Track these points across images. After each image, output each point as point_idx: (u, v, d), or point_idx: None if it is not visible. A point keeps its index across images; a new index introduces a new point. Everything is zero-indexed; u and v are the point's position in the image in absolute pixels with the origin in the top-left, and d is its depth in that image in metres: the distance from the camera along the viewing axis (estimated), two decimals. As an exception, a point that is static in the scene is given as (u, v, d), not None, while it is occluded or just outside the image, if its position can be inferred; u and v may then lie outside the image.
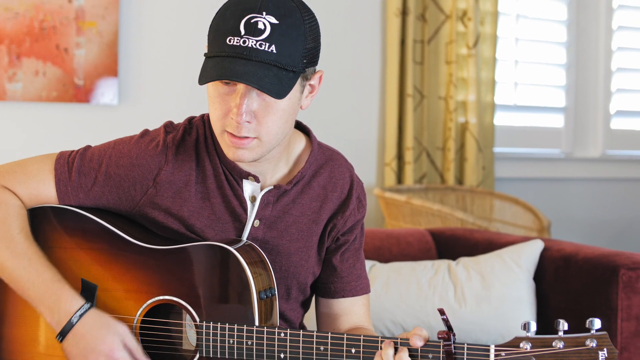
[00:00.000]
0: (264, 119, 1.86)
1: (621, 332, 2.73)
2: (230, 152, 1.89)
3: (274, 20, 1.81)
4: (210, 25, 1.87)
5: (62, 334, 1.91)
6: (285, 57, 1.81)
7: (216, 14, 1.87)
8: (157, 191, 1.98)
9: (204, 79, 1.82)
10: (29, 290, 1.94)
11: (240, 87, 1.83)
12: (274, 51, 1.80)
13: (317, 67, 1.94)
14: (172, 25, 4.00)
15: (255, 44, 1.80)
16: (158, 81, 3.97)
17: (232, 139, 1.87)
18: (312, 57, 1.87)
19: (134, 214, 2.02)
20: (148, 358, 1.93)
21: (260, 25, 1.80)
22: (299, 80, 1.87)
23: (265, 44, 1.80)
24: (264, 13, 1.80)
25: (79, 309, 1.91)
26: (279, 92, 1.81)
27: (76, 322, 1.90)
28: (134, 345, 1.92)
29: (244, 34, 1.80)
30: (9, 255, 1.94)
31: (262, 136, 1.87)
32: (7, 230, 1.96)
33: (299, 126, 2.09)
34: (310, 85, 1.93)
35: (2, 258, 1.95)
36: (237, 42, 1.80)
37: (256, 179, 1.99)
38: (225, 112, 1.86)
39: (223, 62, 1.80)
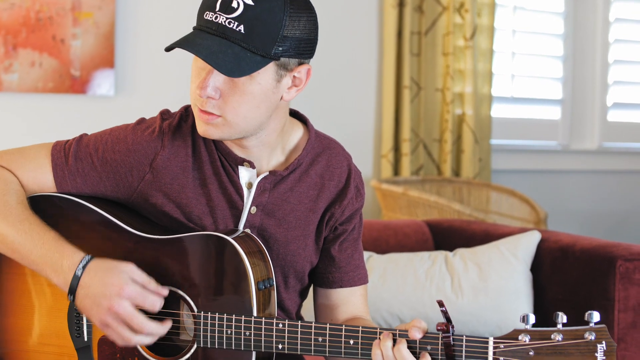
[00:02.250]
0: (229, 98, 1.87)
1: (618, 323, 2.73)
2: (199, 127, 1.92)
3: (249, 2, 1.82)
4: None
5: (72, 291, 1.87)
6: (253, 40, 1.82)
7: None
8: (154, 177, 1.98)
9: (168, 46, 1.87)
10: (31, 254, 1.91)
11: (205, 63, 1.86)
12: (242, 31, 1.82)
13: (313, 61, 1.94)
14: (169, 16, 3.99)
15: (224, 21, 1.83)
16: (154, 72, 3.97)
17: (199, 112, 1.90)
18: (294, 47, 1.87)
19: (132, 201, 2.01)
20: (164, 288, 1.89)
21: (234, 4, 1.82)
22: (274, 68, 1.87)
23: (235, 23, 1.82)
24: None
25: (81, 260, 1.88)
26: (232, 70, 1.82)
27: (81, 274, 1.86)
28: (145, 279, 1.88)
29: (218, 10, 1.83)
30: (9, 223, 1.92)
31: (226, 115, 1.88)
32: (6, 202, 1.95)
33: (297, 115, 2.09)
34: (293, 77, 1.92)
35: (2, 227, 1.93)
36: (210, 17, 1.84)
37: (252, 165, 1.99)
38: (197, 87, 1.89)
39: (190, 35, 1.86)
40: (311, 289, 2.18)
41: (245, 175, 2.01)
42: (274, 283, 1.95)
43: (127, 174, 1.99)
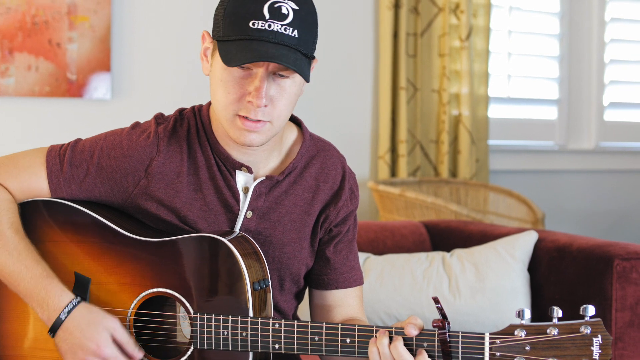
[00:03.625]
0: (278, 103, 1.87)
1: (615, 322, 2.73)
2: (241, 137, 1.89)
3: (294, 6, 1.83)
4: (225, 10, 1.86)
5: (53, 330, 1.91)
6: (304, 43, 1.84)
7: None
8: (149, 182, 1.98)
9: (235, 61, 1.81)
10: (19, 285, 1.93)
11: (260, 71, 1.84)
12: (296, 36, 1.83)
13: None
14: (165, 19, 3.99)
15: (280, 28, 1.81)
16: (151, 76, 3.97)
17: (246, 122, 1.87)
18: (316, 44, 1.91)
19: (127, 206, 2.01)
20: (141, 350, 1.92)
21: (284, 10, 1.82)
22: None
23: (289, 29, 1.82)
24: None
25: (68, 304, 1.90)
26: (307, 76, 1.84)
27: (65, 318, 1.89)
28: (125, 339, 1.91)
29: (269, 18, 1.81)
30: (0, 249, 1.94)
31: (274, 120, 1.89)
32: None
33: (291, 117, 2.09)
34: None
35: None
36: (261, 26, 1.81)
37: (249, 170, 1.99)
38: (240, 96, 1.86)
39: (251, 45, 1.81)
40: (307, 290, 2.18)
41: (241, 179, 2.01)
42: (270, 284, 1.95)
43: (123, 179, 1.99)
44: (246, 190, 2.01)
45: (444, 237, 3.37)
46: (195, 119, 2.02)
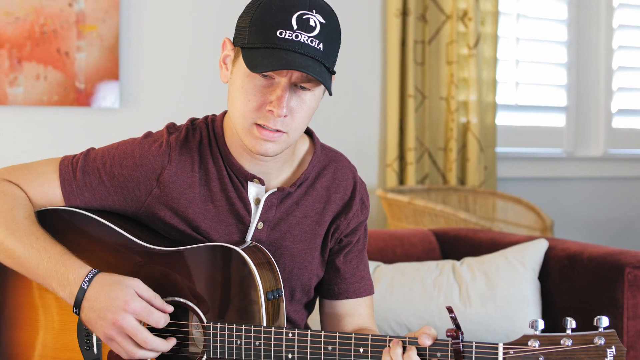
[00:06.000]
0: (297, 114, 1.87)
1: (627, 331, 2.72)
2: (257, 145, 1.88)
3: (322, 20, 1.84)
4: (251, 18, 1.85)
5: (77, 304, 1.87)
6: (327, 57, 1.85)
7: (256, 6, 1.86)
8: (161, 191, 1.98)
9: (261, 67, 1.81)
10: (38, 268, 1.91)
11: (283, 80, 1.84)
12: (321, 49, 1.83)
13: None
14: (173, 28, 3.99)
15: (307, 40, 1.82)
16: (159, 84, 3.97)
17: (263, 132, 1.87)
18: (336, 61, 1.91)
19: (141, 214, 2.01)
20: (169, 305, 1.89)
21: (312, 23, 1.82)
22: None
23: (316, 41, 1.82)
24: (314, 11, 1.83)
25: (87, 274, 1.88)
26: (330, 89, 1.85)
27: (87, 287, 1.86)
28: (150, 294, 1.88)
29: (297, 29, 1.81)
30: (17, 237, 1.92)
31: (291, 131, 1.89)
32: (14, 216, 1.95)
33: None
34: None
35: (9, 242, 1.93)
36: (288, 36, 1.81)
37: (261, 182, 1.99)
38: (261, 104, 1.86)
39: (278, 54, 1.81)
40: (317, 300, 2.18)
41: (253, 190, 2.01)
42: (283, 294, 1.95)
43: (135, 188, 1.99)
44: (257, 201, 2.00)
45: (454, 245, 3.36)
46: (207, 129, 2.02)
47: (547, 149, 5.01)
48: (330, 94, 1.86)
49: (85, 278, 1.87)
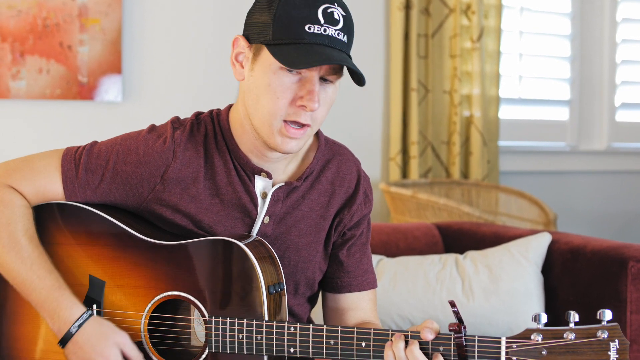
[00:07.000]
0: (322, 107, 1.88)
1: (630, 325, 2.72)
2: (283, 144, 1.88)
3: (343, 12, 1.86)
4: (274, 14, 1.83)
5: (63, 342, 1.91)
6: (349, 47, 1.87)
7: (277, 3, 1.84)
8: (164, 187, 1.97)
9: (304, 64, 1.80)
10: (30, 294, 1.94)
11: (314, 74, 1.83)
12: (345, 41, 1.85)
13: None
14: (176, 21, 3.99)
15: (334, 33, 1.83)
16: (162, 78, 3.97)
17: (291, 130, 1.86)
18: None
19: (142, 209, 2.01)
20: None
21: (336, 16, 1.84)
22: None
23: (341, 34, 1.85)
24: (335, 4, 1.85)
25: (78, 318, 1.91)
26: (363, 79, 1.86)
27: (75, 332, 1.90)
28: (135, 355, 1.92)
29: (324, 23, 1.82)
30: (13, 257, 1.94)
31: (314, 125, 1.89)
32: (12, 232, 1.95)
33: None
34: None
35: (7, 260, 1.95)
36: (317, 31, 1.81)
37: (269, 175, 1.98)
38: (291, 101, 1.85)
39: (313, 49, 1.81)
40: (320, 294, 2.17)
41: (260, 184, 2.00)
42: (285, 287, 1.94)
43: (138, 185, 1.98)
44: (264, 195, 2.00)
45: (457, 239, 3.36)
46: (213, 123, 2.01)
47: (551, 143, 5.01)
48: (364, 84, 1.87)
49: (75, 322, 1.91)
